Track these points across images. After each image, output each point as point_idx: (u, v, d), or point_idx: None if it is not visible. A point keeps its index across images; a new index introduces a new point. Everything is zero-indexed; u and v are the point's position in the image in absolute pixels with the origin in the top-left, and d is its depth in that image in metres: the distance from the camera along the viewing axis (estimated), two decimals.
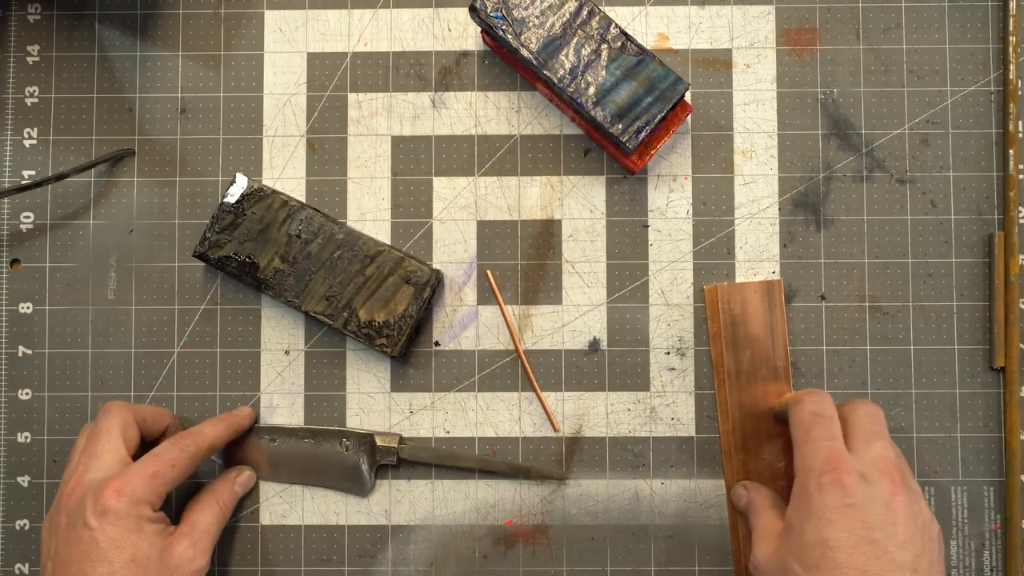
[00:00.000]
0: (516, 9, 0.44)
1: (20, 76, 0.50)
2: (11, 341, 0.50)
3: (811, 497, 0.38)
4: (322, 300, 0.47)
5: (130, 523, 0.40)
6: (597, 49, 0.44)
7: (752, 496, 0.45)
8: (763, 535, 0.41)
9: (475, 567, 0.48)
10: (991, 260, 0.49)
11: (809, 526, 0.37)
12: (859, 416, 0.41)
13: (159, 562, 0.40)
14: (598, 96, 0.44)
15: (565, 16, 0.44)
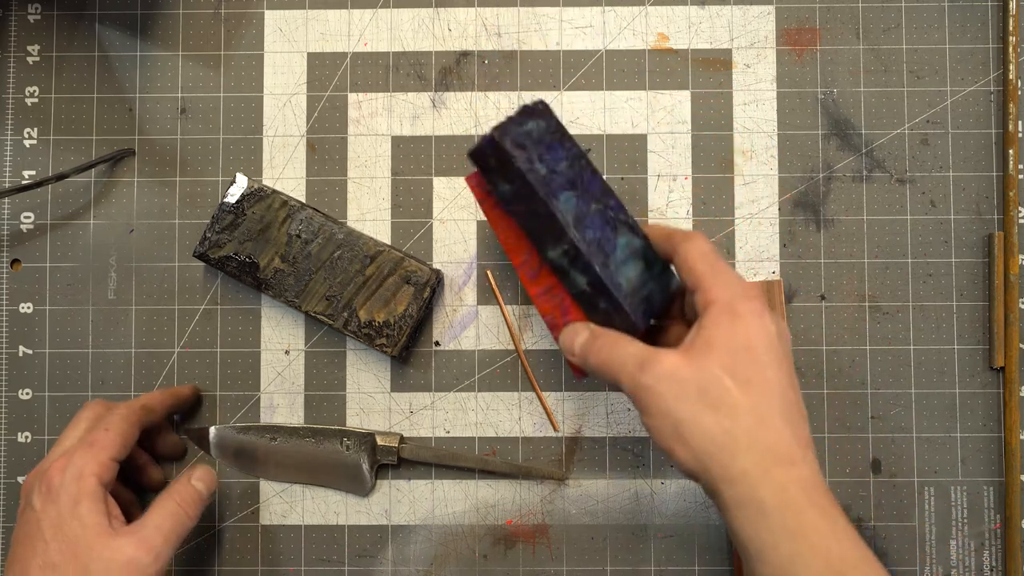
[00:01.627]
0: (541, 158, 0.39)
1: (20, 76, 0.50)
2: (11, 341, 0.50)
3: (741, 318, 0.35)
4: (322, 300, 0.47)
5: (69, 500, 0.38)
6: (609, 221, 0.39)
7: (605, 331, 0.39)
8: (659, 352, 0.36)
9: (475, 567, 0.48)
10: (991, 260, 0.49)
11: (739, 343, 0.35)
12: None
13: (97, 550, 0.38)
14: (610, 264, 0.39)
15: (583, 175, 0.40)
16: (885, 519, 0.48)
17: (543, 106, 0.40)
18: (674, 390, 0.35)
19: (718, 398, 0.34)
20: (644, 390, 0.35)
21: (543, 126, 0.40)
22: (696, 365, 0.35)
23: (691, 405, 0.34)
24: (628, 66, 0.50)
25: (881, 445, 0.49)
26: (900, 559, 0.48)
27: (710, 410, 0.34)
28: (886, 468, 0.49)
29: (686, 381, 0.35)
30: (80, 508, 0.38)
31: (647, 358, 0.36)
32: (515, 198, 0.39)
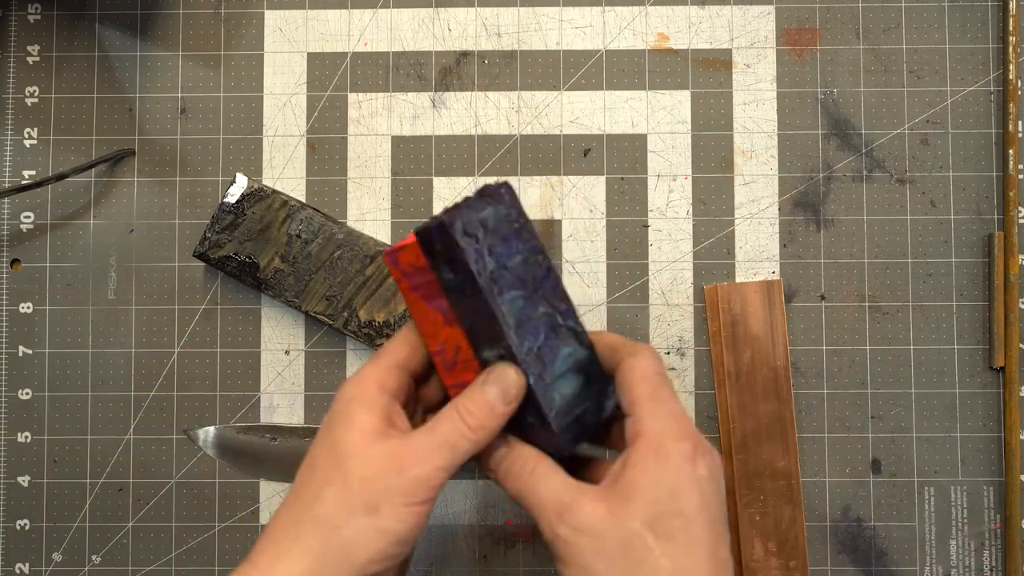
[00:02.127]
0: (492, 250, 0.35)
1: (20, 76, 0.50)
2: (11, 341, 0.50)
3: (668, 461, 0.32)
4: (322, 300, 0.47)
5: (343, 403, 0.34)
6: (555, 328, 0.36)
7: (524, 452, 0.35)
8: (578, 495, 0.33)
9: (475, 567, 0.48)
10: (991, 260, 0.49)
11: (664, 494, 0.32)
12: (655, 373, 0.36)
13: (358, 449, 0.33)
14: (545, 377, 0.35)
15: (536, 273, 0.36)
16: (885, 519, 0.48)
17: (506, 190, 0.36)
18: (594, 546, 0.31)
19: (639, 559, 0.31)
20: (561, 541, 0.32)
21: (502, 213, 0.35)
22: (617, 516, 0.32)
23: (610, 564, 0.31)
24: (628, 66, 0.50)
25: (881, 445, 0.49)
26: (900, 559, 0.48)
27: (632, 571, 0.31)
28: (886, 468, 0.49)
29: (606, 536, 0.31)
30: (350, 407, 0.34)
31: (566, 504, 0.32)
32: (456, 289, 0.35)
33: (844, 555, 0.48)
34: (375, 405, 0.34)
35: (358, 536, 0.32)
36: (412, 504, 0.32)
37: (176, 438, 0.49)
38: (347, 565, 0.32)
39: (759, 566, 0.47)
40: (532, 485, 0.33)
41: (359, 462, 0.33)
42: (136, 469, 0.49)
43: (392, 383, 0.35)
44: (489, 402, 0.34)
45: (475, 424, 0.34)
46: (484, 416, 0.34)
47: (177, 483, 0.49)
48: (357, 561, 0.32)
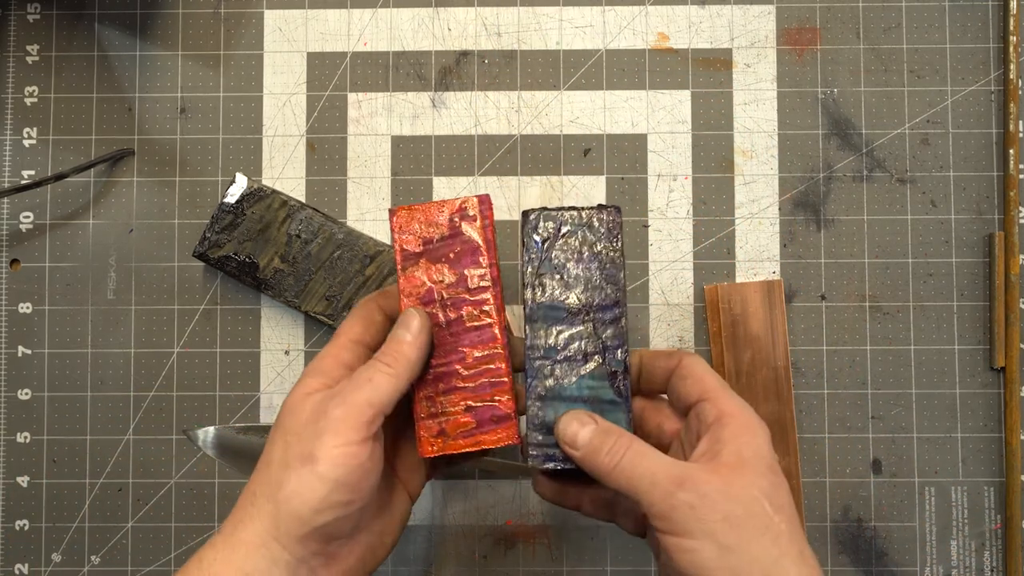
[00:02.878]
0: (559, 259, 0.37)
1: (20, 76, 0.50)
2: (11, 341, 0.49)
3: (763, 442, 0.34)
4: (322, 300, 0.47)
5: (303, 375, 0.36)
6: (588, 354, 0.37)
7: (616, 429, 0.35)
8: (691, 467, 0.33)
9: (475, 567, 0.48)
10: (991, 260, 0.49)
11: (766, 467, 0.33)
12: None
13: (297, 411, 0.34)
14: (548, 392, 0.36)
15: (590, 301, 0.37)
16: (885, 519, 0.48)
17: (610, 215, 0.37)
18: (720, 512, 0.31)
19: (764, 525, 0.32)
20: (686, 508, 0.32)
21: (594, 234, 0.37)
22: (736, 484, 0.32)
23: (739, 530, 0.31)
24: (628, 66, 0.50)
25: (881, 445, 0.49)
26: (900, 559, 0.48)
27: (758, 536, 0.31)
28: (886, 468, 0.48)
29: (731, 502, 0.32)
30: (304, 379, 0.35)
31: (684, 472, 0.32)
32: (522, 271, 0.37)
33: (845, 555, 0.48)
34: (325, 375, 0.35)
35: (298, 486, 0.32)
36: (342, 445, 0.33)
37: (176, 438, 0.49)
38: (295, 520, 0.32)
39: None
40: (635, 460, 0.33)
41: (291, 417, 0.34)
42: (136, 469, 0.49)
43: (346, 356, 0.36)
44: (396, 337, 0.35)
45: (390, 359, 0.35)
46: (396, 348, 0.35)
47: (177, 483, 0.49)
48: (302, 512, 0.32)
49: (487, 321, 0.36)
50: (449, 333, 0.37)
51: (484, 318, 0.37)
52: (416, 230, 0.37)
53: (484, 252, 0.37)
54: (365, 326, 0.37)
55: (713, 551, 0.31)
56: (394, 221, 0.37)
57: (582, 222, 0.37)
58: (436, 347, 0.37)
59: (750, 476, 0.33)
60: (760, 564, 0.31)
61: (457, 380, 0.36)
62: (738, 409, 0.35)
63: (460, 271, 0.37)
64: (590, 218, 0.37)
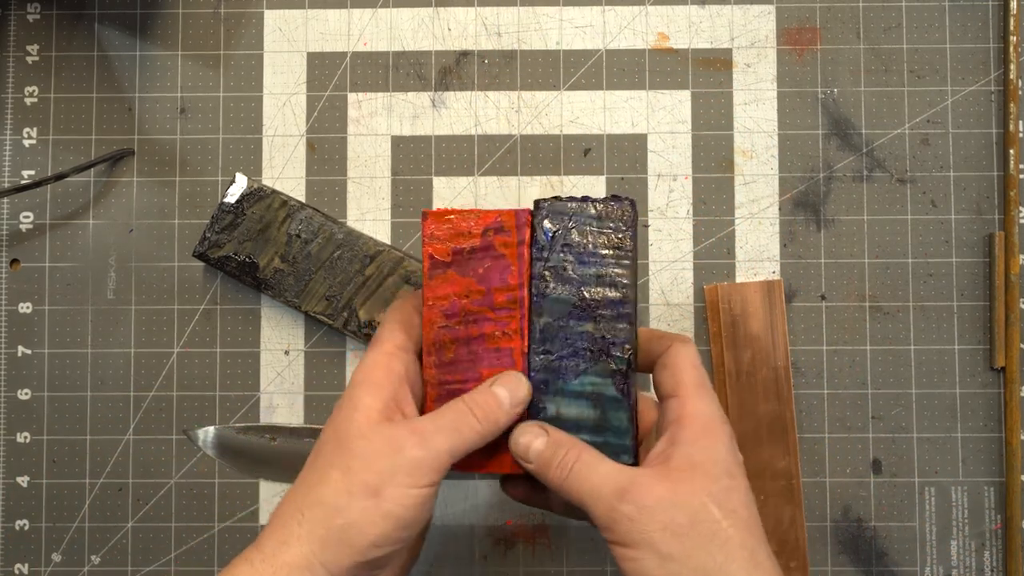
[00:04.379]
0: (568, 252, 0.36)
1: (20, 76, 0.50)
2: (11, 341, 0.49)
3: (721, 441, 0.33)
4: (322, 300, 0.47)
5: (350, 387, 0.34)
6: (593, 350, 0.35)
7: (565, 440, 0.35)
8: (636, 476, 0.33)
9: (475, 567, 0.48)
10: (991, 260, 0.49)
11: (721, 470, 0.33)
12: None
13: (363, 432, 0.33)
14: (549, 387, 0.36)
15: (598, 297, 0.35)
16: (885, 519, 0.48)
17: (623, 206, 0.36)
18: (662, 522, 0.31)
19: (710, 532, 0.31)
20: (626, 521, 0.32)
21: (605, 226, 0.36)
22: (681, 493, 0.32)
23: (681, 539, 0.31)
24: (628, 66, 0.50)
25: (881, 445, 0.49)
26: (900, 559, 0.48)
27: (704, 543, 0.31)
28: (886, 468, 0.48)
29: (674, 511, 0.31)
30: (356, 392, 0.34)
31: (627, 482, 0.32)
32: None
33: (844, 555, 0.48)
34: (381, 388, 0.34)
35: (360, 518, 0.32)
36: (414, 487, 0.32)
37: (176, 438, 0.49)
38: (348, 548, 0.32)
39: None
40: (582, 472, 0.33)
41: (361, 443, 0.32)
42: (136, 469, 0.49)
43: (397, 366, 0.35)
44: (498, 398, 0.35)
45: (482, 415, 0.34)
46: (492, 408, 0.34)
47: (177, 483, 0.49)
48: (359, 544, 0.32)
49: (508, 345, 0.35)
50: (468, 351, 0.36)
51: (505, 341, 0.36)
52: (447, 238, 0.36)
53: (514, 271, 0.35)
54: (407, 331, 0.36)
55: (654, 560, 0.31)
56: (425, 226, 0.36)
57: (595, 214, 0.36)
58: (455, 363, 0.36)
59: (700, 481, 0.32)
60: (703, 571, 0.31)
61: None
62: (701, 410, 0.34)
63: (487, 287, 0.35)
64: (603, 210, 0.36)
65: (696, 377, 0.35)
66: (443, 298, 0.36)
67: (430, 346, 0.36)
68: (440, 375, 0.36)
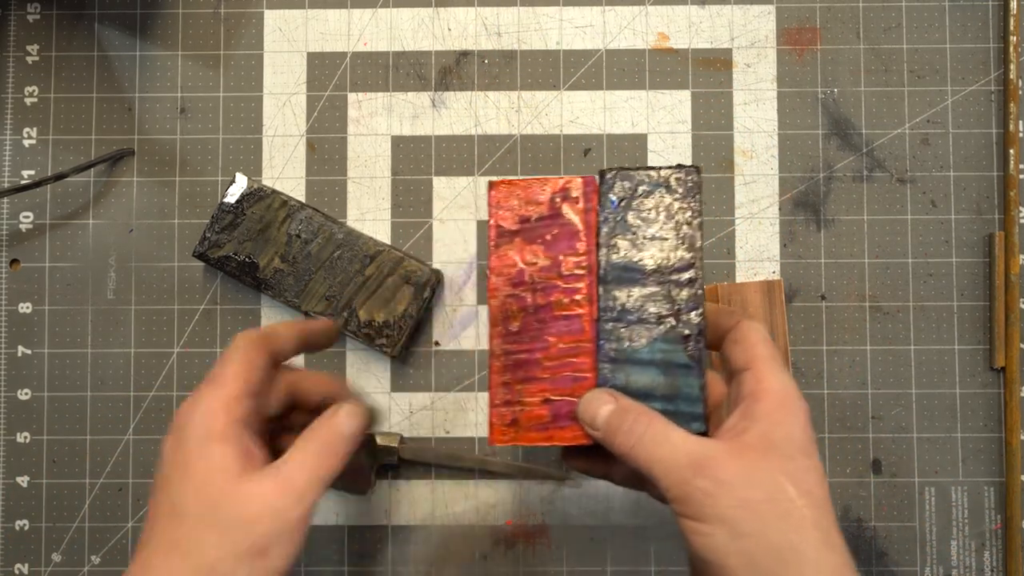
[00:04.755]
0: (634, 219, 0.35)
1: (20, 76, 0.50)
2: (11, 341, 0.49)
3: (796, 418, 0.33)
4: (322, 300, 0.47)
5: (197, 440, 0.33)
6: (662, 317, 0.35)
7: (634, 407, 0.34)
8: (711, 450, 0.32)
9: (475, 567, 0.48)
10: (991, 260, 0.49)
11: (797, 449, 0.32)
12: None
13: (228, 493, 0.32)
14: (619, 355, 0.35)
15: (666, 263, 0.35)
16: (885, 519, 0.48)
17: (686, 175, 0.35)
18: (738, 498, 0.31)
19: (785, 511, 0.31)
20: (700, 495, 0.31)
21: (673, 194, 0.35)
22: (758, 469, 0.31)
23: (756, 516, 0.30)
24: (628, 66, 0.50)
25: (881, 445, 0.49)
26: (900, 559, 0.48)
27: (777, 521, 0.30)
28: (886, 468, 0.48)
29: (751, 488, 0.31)
30: (208, 448, 0.33)
31: (701, 455, 0.32)
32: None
33: None
34: (230, 439, 0.33)
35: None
36: (297, 540, 0.32)
37: None
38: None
39: None
40: (652, 441, 0.33)
41: (237, 507, 0.32)
42: (136, 469, 0.49)
43: (239, 411, 0.34)
44: (342, 432, 0.35)
45: (339, 451, 0.34)
46: (340, 445, 0.35)
47: None
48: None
49: (577, 312, 0.35)
50: (536, 319, 0.35)
51: (574, 308, 0.35)
52: (514, 207, 0.36)
53: (583, 238, 0.35)
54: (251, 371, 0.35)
55: (726, 536, 0.31)
56: (492, 195, 0.36)
57: (659, 182, 0.35)
58: (520, 332, 0.35)
59: (775, 459, 0.31)
60: (777, 550, 0.30)
61: (538, 370, 0.35)
62: (777, 385, 0.33)
63: (555, 255, 0.35)
64: (668, 178, 0.35)
65: (769, 352, 0.34)
66: (510, 267, 0.36)
67: (496, 316, 0.36)
68: (506, 345, 0.36)
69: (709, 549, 0.31)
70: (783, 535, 0.30)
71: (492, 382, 0.36)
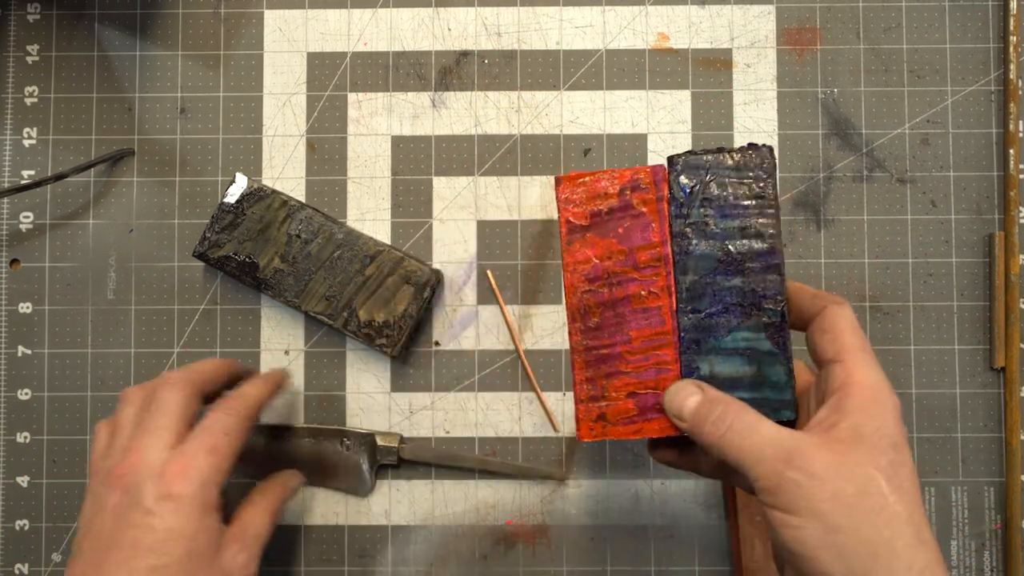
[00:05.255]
0: (708, 206, 0.34)
1: (20, 76, 0.50)
2: (11, 341, 0.49)
3: (888, 412, 0.32)
4: (322, 300, 0.47)
5: (194, 512, 0.36)
6: (744, 305, 0.34)
7: (722, 397, 0.34)
8: (802, 442, 0.31)
9: (475, 567, 0.48)
10: (991, 260, 0.49)
11: (888, 443, 0.32)
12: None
13: (211, 561, 0.37)
14: (702, 347, 0.35)
15: (744, 249, 0.34)
16: None
17: (761, 153, 0.34)
18: (830, 491, 0.30)
19: (878, 506, 0.30)
20: (793, 487, 0.31)
21: (743, 176, 0.34)
22: (850, 463, 0.31)
23: (849, 511, 0.30)
24: (628, 66, 0.50)
25: None
26: None
27: (870, 516, 0.30)
28: None
29: (843, 481, 0.30)
30: (207, 520, 0.37)
31: (793, 448, 0.31)
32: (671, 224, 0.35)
33: None
34: (218, 511, 0.39)
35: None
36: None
37: None
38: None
39: (759, 566, 0.47)
40: (741, 432, 0.32)
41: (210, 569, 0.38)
42: None
43: (224, 483, 0.39)
44: (285, 495, 0.44)
45: (279, 513, 0.43)
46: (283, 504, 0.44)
47: None
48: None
49: (656, 304, 0.35)
50: (615, 314, 0.35)
51: (653, 300, 0.35)
52: (583, 201, 0.35)
53: (656, 228, 0.35)
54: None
55: (819, 530, 0.30)
56: (560, 191, 0.35)
57: (732, 164, 0.34)
58: (600, 328, 0.35)
59: (867, 453, 0.31)
60: (869, 545, 0.30)
61: (620, 364, 0.35)
62: (868, 378, 0.33)
63: (629, 247, 0.35)
64: (741, 160, 0.34)
65: (859, 342, 0.34)
66: (584, 262, 0.35)
67: (574, 312, 0.36)
68: (587, 341, 0.36)
69: (799, 542, 0.31)
70: (876, 530, 0.30)
71: (576, 378, 0.35)
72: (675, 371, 0.35)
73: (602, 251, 0.35)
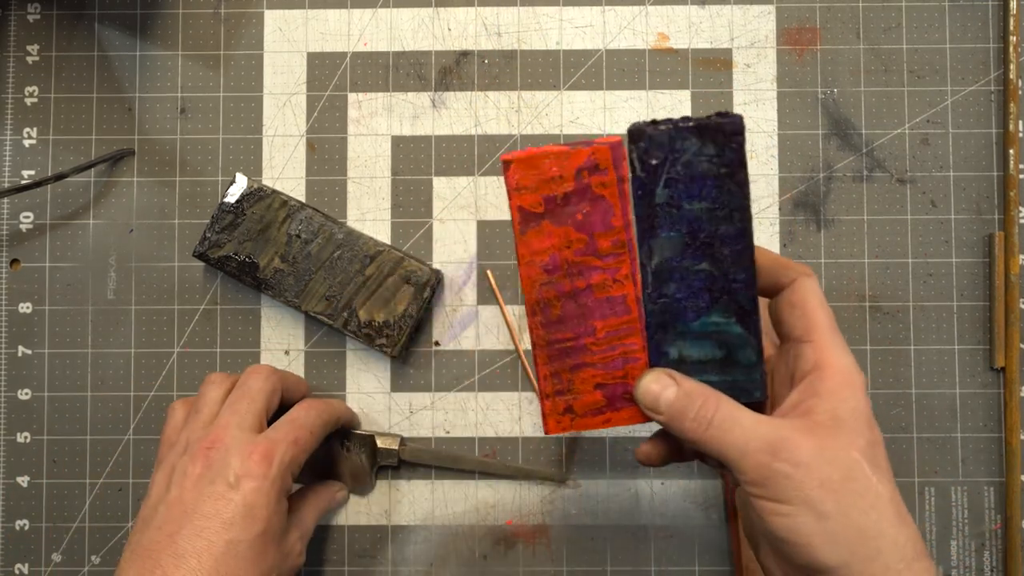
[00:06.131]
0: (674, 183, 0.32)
1: (20, 76, 0.50)
2: (11, 341, 0.50)
3: (861, 396, 0.32)
4: (322, 300, 0.47)
5: (273, 494, 0.38)
6: (712, 288, 0.33)
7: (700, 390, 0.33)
8: (786, 431, 0.31)
9: (475, 567, 0.48)
10: (991, 260, 0.49)
11: (864, 425, 0.32)
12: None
13: (278, 543, 0.39)
14: (669, 331, 0.33)
15: (712, 231, 0.32)
16: None
17: (733, 126, 0.31)
18: (817, 478, 0.31)
19: (863, 488, 0.31)
20: (781, 478, 0.31)
21: (708, 151, 0.31)
22: (832, 448, 0.31)
23: (837, 496, 0.31)
24: (628, 66, 0.50)
25: None
26: None
27: (857, 500, 0.31)
28: None
29: (828, 467, 0.31)
30: (282, 505, 0.39)
31: (776, 437, 0.31)
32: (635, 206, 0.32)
33: None
34: (292, 479, 0.41)
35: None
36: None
37: None
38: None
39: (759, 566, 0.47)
40: (723, 426, 0.32)
41: (279, 556, 0.40)
42: (136, 469, 0.49)
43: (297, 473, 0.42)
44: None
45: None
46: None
47: None
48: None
49: (620, 292, 0.33)
50: (577, 305, 0.33)
51: (617, 288, 0.33)
52: (536, 186, 0.32)
53: (617, 212, 0.32)
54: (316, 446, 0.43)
55: (810, 517, 0.31)
56: (510, 175, 0.32)
57: (697, 138, 0.31)
58: (563, 320, 0.34)
59: (847, 436, 0.31)
60: (858, 528, 0.31)
61: (586, 356, 0.34)
62: (841, 360, 0.33)
63: (589, 234, 0.33)
64: (704, 128, 0.31)
65: (828, 320, 0.33)
66: (540, 252, 0.33)
67: (533, 305, 0.34)
68: (549, 335, 0.34)
69: (791, 530, 0.31)
70: (863, 513, 0.31)
71: (540, 373, 0.34)
72: (643, 360, 0.34)
73: (560, 240, 0.33)
